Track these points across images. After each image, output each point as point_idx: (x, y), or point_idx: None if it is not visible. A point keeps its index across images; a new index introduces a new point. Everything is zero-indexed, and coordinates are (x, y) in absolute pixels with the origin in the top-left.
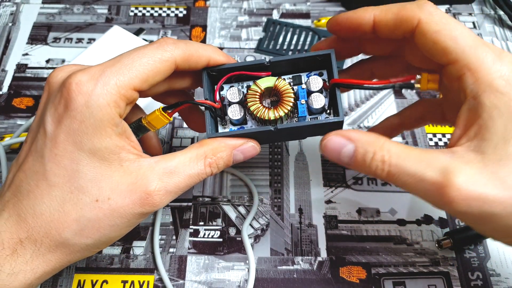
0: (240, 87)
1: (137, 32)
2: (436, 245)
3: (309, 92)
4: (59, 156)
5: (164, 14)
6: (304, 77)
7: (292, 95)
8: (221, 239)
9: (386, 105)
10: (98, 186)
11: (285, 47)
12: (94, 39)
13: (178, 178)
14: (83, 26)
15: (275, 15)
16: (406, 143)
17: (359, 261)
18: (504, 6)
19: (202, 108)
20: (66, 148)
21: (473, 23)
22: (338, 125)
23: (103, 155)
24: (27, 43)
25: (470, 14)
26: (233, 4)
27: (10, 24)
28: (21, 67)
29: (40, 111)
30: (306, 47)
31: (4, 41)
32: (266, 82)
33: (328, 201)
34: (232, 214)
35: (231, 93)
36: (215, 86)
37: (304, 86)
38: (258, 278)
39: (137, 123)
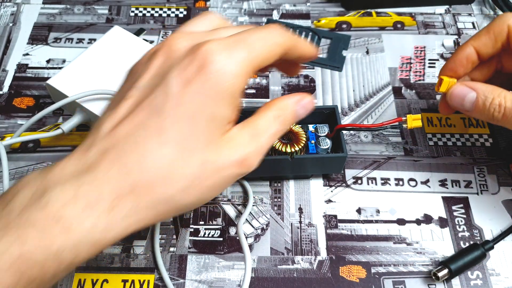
0: None
1: (138, 33)
2: (433, 277)
3: (317, 136)
4: (179, 115)
5: (164, 15)
6: (310, 127)
7: (305, 136)
8: (221, 239)
9: (386, 104)
10: (207, 148)
11: None
12: (94, 39)
13: (264, 138)
14: (84, 27)
15: (275, 16)
16: (406, 143)
17: (359, 260)
18: (504, 7)
19: None
20: (190, 108)
21: (473, 23)
22: (342, 160)
23: (218, 122)
24: (28, 43)
25: (470, 14)
26: (233, 5)
27: (11, 24)
28: (21, 67)
29: (154, 71)
30: None
31: (5, 41)
32: None
33: (328, 201)
34: (232, 213)
35: None
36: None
37: (313, 130)
38: (258, 277)
39: None
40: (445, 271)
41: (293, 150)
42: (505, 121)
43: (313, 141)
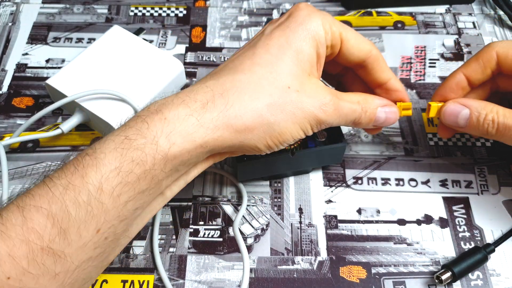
0: None
1: (137, 32)
2: (436, 280)
3: None
4: (269, 46)
5: (164, 14)
6: None
7: None
8: (221, 239)
9: None
10: (291, 78)
11: None
12: (94, 39)
13: (343, 104)
14: (83, 26)
15: (275, 15)
16: (406, 143)
17: (359, 260)
18: (504, 6)
19: None
20: (279, 40)
21: (473, 23)
22: (342, 150)
23: (303, 58)
24: (27, 42)
25: (470, 14)
26: (233, 4)
27: (10, 24)
28: (21, 67)
29: (259, 33)
30: None
31: (4, 41)
32: None
33: (328, 201)
34: (232, 213)
35: None
36: None
37: None
38: (258, 278)
39: None
40: (449, 274)
41: (292, 146)
42: (500, 136)
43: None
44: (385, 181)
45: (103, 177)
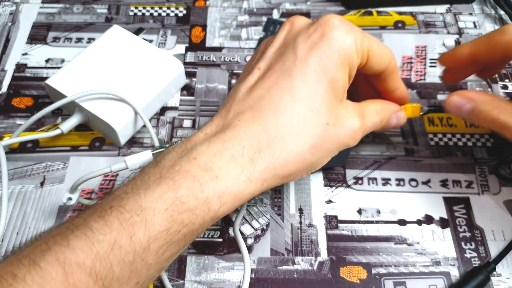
0: None
1: (137, 32)
2: None
3: None
4: (307, 76)
5: (164, 14)
6: None
7: None
8: (221, 239)
9: None
10: (329, 112)
11: None
12: (93, 39)
13: (367, 121)
14: (83, 26)
15: (275, 15)
16: (407, 143)
17: (360, 261)
18: (505, 6)
19: None
20: (316, 69)
21: (474, 22)
22: (347, 152)
23: (338, 86)
24: (27, 42)
25: (471, 14)
26: (233, 4)
27: (10, 24)
28: (20, 67)
29: (280, 42)
30: None
31: (4, 41)
32: None
33: (328, 201)
34: (231, 214)
35: None
36: None
37: None
38: (258, 278)
39: None
40: None
41: None
42: (500, 131)
43: None
44: (386, 181)
45: (151, 237)
